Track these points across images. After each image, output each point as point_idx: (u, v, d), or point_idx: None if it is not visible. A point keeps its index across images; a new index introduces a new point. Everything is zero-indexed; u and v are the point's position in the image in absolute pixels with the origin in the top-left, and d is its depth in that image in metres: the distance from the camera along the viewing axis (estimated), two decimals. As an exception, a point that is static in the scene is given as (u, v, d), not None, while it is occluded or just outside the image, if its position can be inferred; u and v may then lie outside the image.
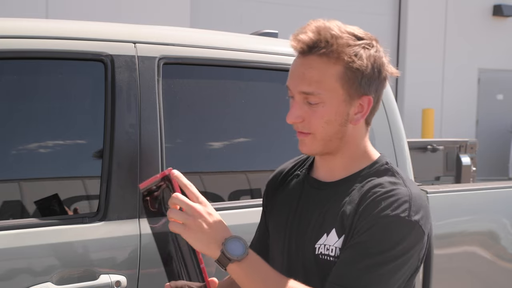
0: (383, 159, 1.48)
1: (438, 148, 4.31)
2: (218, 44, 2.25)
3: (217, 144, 2.30)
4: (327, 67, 1.37)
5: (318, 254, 1.41)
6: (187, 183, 1.37)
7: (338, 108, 1.39)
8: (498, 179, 10.45)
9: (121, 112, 1.98)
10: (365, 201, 1.37)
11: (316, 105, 1.39)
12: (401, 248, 1.33)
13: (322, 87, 1.37)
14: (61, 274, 1.83)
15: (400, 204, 1.35)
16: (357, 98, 1.40)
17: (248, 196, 2.27)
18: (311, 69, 1.38)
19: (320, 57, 1.37)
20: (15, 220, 1.88)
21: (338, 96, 1.39)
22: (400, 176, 1.44)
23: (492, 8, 12.29)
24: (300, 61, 1.40)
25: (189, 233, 1.33)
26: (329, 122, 1.40)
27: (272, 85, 2.39)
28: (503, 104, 12.55)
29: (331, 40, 1.36)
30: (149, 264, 1.94)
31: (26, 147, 2.00)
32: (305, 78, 1.38)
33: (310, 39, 1.37)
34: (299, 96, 1.40)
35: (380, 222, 1.33)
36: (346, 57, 1.36)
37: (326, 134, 1.41)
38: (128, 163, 1.97)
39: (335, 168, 1.47)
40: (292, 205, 1.52)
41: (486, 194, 2.79)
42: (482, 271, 2.69)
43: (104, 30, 2.13)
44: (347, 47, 1.37)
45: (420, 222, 1.35)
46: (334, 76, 1.37)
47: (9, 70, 1.96)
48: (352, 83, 1.38)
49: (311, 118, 1.40)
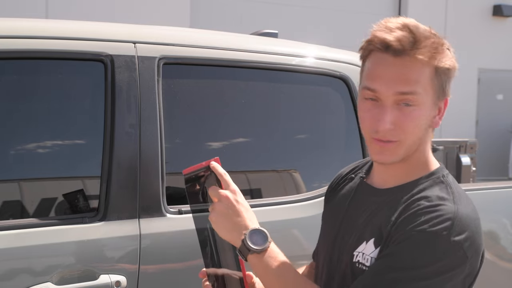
0: (441, 171, 1.39)
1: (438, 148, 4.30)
2: (218, 44, 2.25)
3: (217, 144, 2.30)
4: (423, 67, 1.30)
5: (355, 262, 1.35)
6: (222, 172, 1.40)
7: (428, 111, 1.34)
8: (498, 179, 10.45)
9: (121, 112, 1.98)
10: (406, 213, 1.30)
11: (411, 107, 1.31)
12: (435, 268, 1.24)
13: (421, 87, 1.31)
14: (61, 274, 1.83)
15: (441, 221, 1.25)
16: (442, 100, 1.36)
17: (248, 196, 2.27)
18: (408, 68, 1.30)
19: (415, 57, 1.29)
20: (15, 220, 1.88)
21: (429, 98, 1.33)
22: (452, 192, 1.34)
23: (492, 8, 12.29)
24: (391, 60, 1.30)
25: (216, 218, 1.35)
26: (419, 127, 1.33)
27: (272, 85, 2.39)
28: (503, 104, 12.54)
29: (425, 40, 1.30)
30: (149, 264, 1.94)
31: (26, 147, 2.00)
32: (404, 78, 1.29)
33: (406, 37, 1.29)
34: (393, 98, 1.31)
35: (415, 236, 1.25)
36: (440, 57, 1.31)
37: (412, 140, 1.34)
38: (128, 163, 1.97)
39: (394, 175, 1.40)
40: (341, 209, 1.47)
41: (486, 194, 2.79)
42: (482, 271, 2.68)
43: (104, 30, 2.13)
44: (439, 47, 1.32)
45: (463, 244, 1.25)
46: (428, 77, 1.31)
47: (9, 70, 1.96)
48: (441, 84, 1.33)
49: (403, 122, 1.31)
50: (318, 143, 2.46)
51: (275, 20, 9.61)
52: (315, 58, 2.44)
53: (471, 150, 4.36)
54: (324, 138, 2.47)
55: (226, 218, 1.34)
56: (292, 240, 2.20)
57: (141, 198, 1.97)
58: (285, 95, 2.42)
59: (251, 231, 1.33)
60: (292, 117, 2.42)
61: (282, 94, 2.41)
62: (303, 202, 2.25)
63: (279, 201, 2.24)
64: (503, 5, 12.18)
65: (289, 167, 2.42)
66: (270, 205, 2.21)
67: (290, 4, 10.31)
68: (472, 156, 4.33)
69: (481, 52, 11.99)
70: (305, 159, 2.43)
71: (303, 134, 2.46)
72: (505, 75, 12.54)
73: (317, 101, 2.48)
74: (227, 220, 1.34)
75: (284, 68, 2.35)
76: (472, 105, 12.14)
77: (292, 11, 10.22)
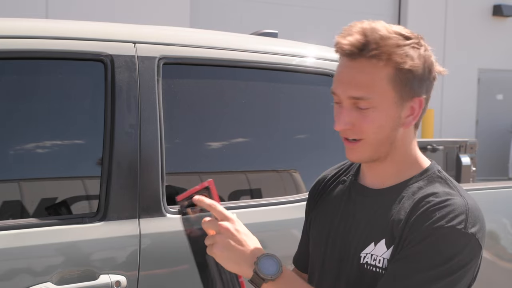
0: (434, 167, 1.41)
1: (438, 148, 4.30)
2: (218, 44, 2.25)
3: (217, 144, 2.30)
4: (377, 70, 1.30)
5: (364, 263, 1.35)
6: (211, 203, 1.33)
7: (389, 111, 1.33)
8: (498, 179, 10.45)
9: (121, 112, 1.98)
10: (417, 211, 1.30)
11: (367, 110, 1.32)
12: (456, 262, 1.25)
13: (373, 91, 1.31)
14: (61, 274, 1.83)
15: (456, 215, 1.27)
16: (409, 100, 1.34)
17: (248, 196, 2.27)
18: (361, 73, 1.31)
19: (369, 60, 1.29)
20: (15, 220, 1.88)
21: (389, 99, 1.32)
22: (454, 185, 1.36)
23: (492, 8, 12.29)
24: (347, 64, 1.32)
25: (220, 252, 1.30)
26: (381, 127, 1.33)
27: (272, 85, 2.39)
28: (503, 104, 12.55)
29: (380, 42, 1.29)
30: (149, 264, 1.94)
31: (26, 147, 2.00)
32: (355, 83, 1.31)
33: (358, 41, 1.29)
34: (348, 101, 1.33)
35: (434, 233, 1.26)
36: (397, 58, 1.30)
37: (377, 140, 1.34)
38: (128, 163, 1.97)
39: (384, 175, 1.41)
40: (336, 212, 1.46)
41: (486, 194, 2.79)
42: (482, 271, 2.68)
43: (104, 30, 2.13)
44: (396, 48, 1.30)
45: (477, 235, 1.28)
46: (385, 79, 1.31)
47: (9, 70, 1.96)
48: (404, 85, 1.32)
49: (362, 123, 1.32)
50: (318, 143, 2.46)
51: (275, 20, 9.62)
52: (315, 58, 2.44)
53: (471, 150, 4.36)
54: (324, 138, 2.47)
55: (231, 250, 1.29)
56: (292, 240, 2.20)
57: (141, 198, 1.97)
58: (285, 95, 2.42)
59: (260, 260, 1.29)
60: (292, 117, 2.42)
61: (282, 94, 2.41)
62: (303, 202, 2.25)
63: (279, 201, 2.24)
64: (503, 5, 12.19)
65: (289, 167, 2.42)
66: (270, 205, 2.21)
67: (290, 4, 10.31)
68: (472, 156, 4.33)
69: (481, 52, 12.00)
70: (305, 159, 2.43)
71: (303, 134, 2.46)
72: (505, 75, 12.55)
73: (317, 101, 2.48)
74: (232, 252, 1.29)
75: (284, 68, 2.35)
76: (472, 105, 12.14)
77: (292, 11, 10.22)
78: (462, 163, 4.26)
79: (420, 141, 4.47)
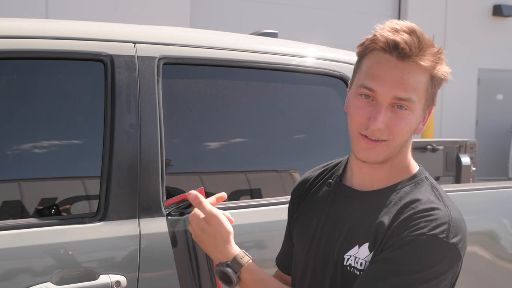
0: (422, 173, 1.42)
1: (438, 148, 4.30)
2: (218, 44, 2.25)
3: (217, 144, 2.30)
4: (422, 74, 1.31)
5: (347, 265, 1.36)
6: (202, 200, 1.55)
7: (418, 117, 1.35)
8: (498, 179, 10.45)
9: (121, 112, 1.98)
10: (401, 216, 1.31)
11: (405, 111, 1.32)
12: (434, 270, 1.26)
13: (417, 95, 1.32)
14: (61, 274, 1.83)
15: (439, 224, 1.28)
16: (429, 108, 1.38)
17: (248, 196, 2.27)
18: (410, 74, 1.30)
19: (419, 64, 1.30)
20: (15, 220, 1.88)
21: (421, 104, 1.34)
22: (439, 193, 1.37)
23: (491, 8, 12.29)
24: (395, 63, 1.31)
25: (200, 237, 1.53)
26: (409, 131, 1.35)
27: (272, 85, 2.39)
28: (503, 104, 12.55)
29: (429, 48, 1.31)
30: (149, 264, 1.94)
31: (26, 147, 2.00)
32: (403, 84, 1.30)
33: (415, 42, 1.29)
34: (390, 101, 1.32)
35: (415, 240, 1.26)
36: (438, 67, 1.32)
37: (399, 143, 1.36)
38: (128, 163, 1.97)
39: (374, 177, 1.41)
40: (321, 213, 1.46)
41: (486, 194, 2.79)
42: (482, 271, 2.69)
43: (104, 30, 2.13)
44: (437, 55, 1.32)
45: (458, 246, 1.29)
46: (425, 84, 1.32)
47: (9, 70, 1.96)
48: (434, 92, 1.35)
49: (395, 125, 1.33)
50: (318, 143, 2.46)
51: (275, 20, 9.62)
52: (314, 58, 2.44)
53: (471, 150, 4.36)
54: (324, 138, 2.47)
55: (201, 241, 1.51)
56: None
57: (141, 198, 1.97)
58: (285, 95, 2.42)
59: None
60: (292, 117, 2.42)
61: (282, 94, 2.41)
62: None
63: (279, 201, 2.24)
64: (503, 5, 12.18)
65: (289, 167, 2.42)
66: (270, 205, 2.21)
67: (290, 4, 10.31)
68: (472, 156, 4.33)
69: (481, 52, 12.00)
70: (305, 159, 2.43)
71: (303, 134, 2.46)
72: (505, 75, 12.55)
73: (317, 101, 2.48)
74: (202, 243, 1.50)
75: (284, 68, 2.35)
76: (472, 105, 12.14)
77: (292, 11, 10.22)
78: (462, 163, 4.26)
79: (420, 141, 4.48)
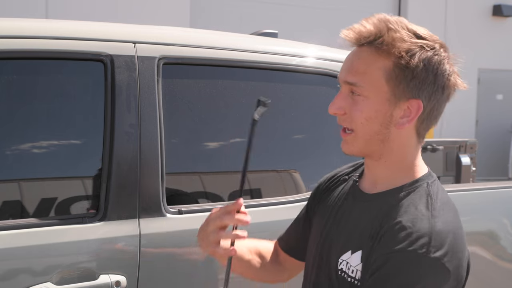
0: (425, 179, 1.36)
1: (438, 148, 4.30)
2: (218, 44, 2.25)
3: (217, 144, 2.30)
4: (375, 59, 1.29)
5: (339, 269, 1.35)
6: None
7: (379, 106, 1.30)
8: (498, 179, 10.45)
9: (121, 112, 1.98)
10: (386, 225, 1.28)
11: (358, 97, 1.31)
12: (422, 286, 1.21)
13: (366, 80, 1.30)
14: (61, 274, 1.83)
15: (417, 237, 1.22)
16: (405, 100, 1.30)
17: (248, 196, 2.27)
18: (359, 59, 1.31)
19: (370, 49, 1.30)
20: (15, 220, 1.88)
21: (381, 93, 1.30)
22: (431, 203, 1.30)
23: (491, 8, 12.29)
24: (353, 51, 1.35)
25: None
26: (369, 119, 1.31)
27: (272, 85, 2.39)
28: (503, 104, 12.55)
29: (384, 33, 1.29)
30: (148, 264, 1.94)
31: (26, 147, 1.99)
32: (352, 68, 1.32)
33: (364, 29, 1.31)
34: (345, 86, 1.34)
35: (394, 257, 1.22)
36: (396, 52, 1.27)
37: (365, 132, 1.32)
38: (128, 163, 1.97)
39: (377, 178, 1.39)
40: (332, 212, 1.46)
41: (486, 194, 2.79)
42: (482, 271, 2.69)
43: (104, 30, 2.13)
44: (400, 42, 1.28)
45: (442, 260, 1.22)
46: (380, 70, 1.29)
47: (9, 70, 1.96)
48: (399, 82, 1.29)
49: (352, 111, 1.32)
50: (318, 143, 2.46)
51: (275, 20, 9.62)
52: (315, 58, 2.44)
53: (471, 150, 4.36)
54: (324, 138, 2.47)
55: None
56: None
57: (141, 198, 1.97)
58: (285, 95, 2.42)
59: None
60: (292, 117, 2.42)
61: (282, 94, 2.41)
62: (303, 202, 2.25)
63: (279, 201, 2.24)
64: (503, 5, 12.19)
65: (289, 167, 2.42)
66: (270, 205, 2.21)
67: (290, 4, 10.31)
68: (472, 156, 4.34)
69: (481, 52, 11.99)
70: (305, 159, 2.43)
71: (303, 134, 2.46)
72: (505, 75, 12.55)
73: (317, 101, 2.48)
74: None
75: (284, 68, 2.35)
76: (472, 105, 12.14)
77: (292, 11, 10.22)
78: (462, 163, 4.26)
79: (420, 141, 4.47)
